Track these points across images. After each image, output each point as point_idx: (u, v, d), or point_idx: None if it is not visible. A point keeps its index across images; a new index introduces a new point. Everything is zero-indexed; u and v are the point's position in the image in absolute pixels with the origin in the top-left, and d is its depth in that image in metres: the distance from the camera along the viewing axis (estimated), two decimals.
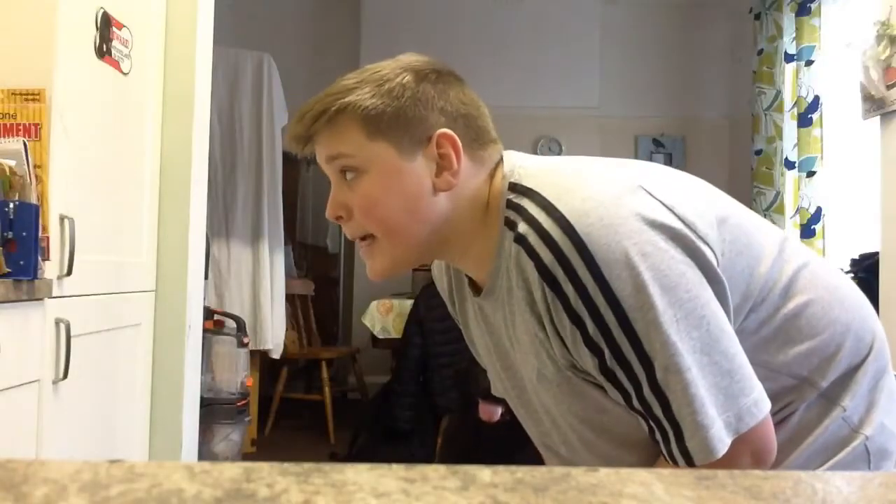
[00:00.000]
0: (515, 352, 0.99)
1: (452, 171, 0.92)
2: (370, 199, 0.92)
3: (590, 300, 0.81)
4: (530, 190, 0.88)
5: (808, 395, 0.92)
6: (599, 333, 0.82)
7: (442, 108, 0.92)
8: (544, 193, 0.86)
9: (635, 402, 0.84)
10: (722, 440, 0.80)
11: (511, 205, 0.89)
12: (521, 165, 0.93)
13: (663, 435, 0.83)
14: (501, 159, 0.96)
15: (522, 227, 0.85)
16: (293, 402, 4.44)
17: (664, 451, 0.84)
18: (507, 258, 0.90)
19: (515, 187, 0.90)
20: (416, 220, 0.92)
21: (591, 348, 0.84)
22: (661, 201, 0.85)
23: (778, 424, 0.91)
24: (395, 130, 0.91)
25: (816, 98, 4.28)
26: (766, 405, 0.83)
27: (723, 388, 0.81)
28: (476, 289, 1.01)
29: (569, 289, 0.82)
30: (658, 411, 0.82)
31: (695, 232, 0.84)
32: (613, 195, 0.84)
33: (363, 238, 0.95)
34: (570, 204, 0.83)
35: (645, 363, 0.81)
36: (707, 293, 0.82)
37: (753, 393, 0.82)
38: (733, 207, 0.95)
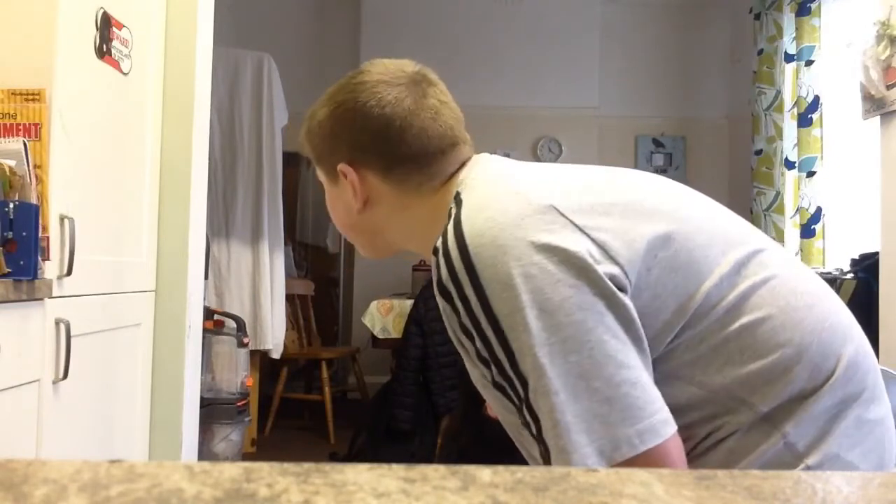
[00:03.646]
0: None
1: (356, 197, 1.05)
2: (328, 207, 1.12)
3: (475, 317, 0.84)
4: (461, 202, 0.92)
5: (745, 417, 0.87)
6: (485, 349, 0.85)
7: (349, 141, 1.04)
8: (462, 209, 0.90)
9: (521, 419, 0.86)
10: (586, 467, 0.77)
11: (449, 213, 0.94)
12: (473, 175, 0.98)
13: (542, 453, 0.84)
14: (464, 164, 1.03)
15: (438, 241, 0.90)
16: (293, 402, 4.44)
17: None
18: None
19: (456, 197, 0.95)
20: (354, 231, 1.11)
21: (482, 362, 0.86)
22: (571, 220, 0.85)
23: (711, 447, 0.88)
24: (319, 162, 1.09)
25: (816, 98, 4.28)
26: (658, 436, 0.79)
27: (599, 415, 0.79)
28: None
29: (458, 305, 0.85)
30: (534, 429, 0.83)
31: (604, 252, 0.84)
32: (515, 216, 0.85)
33: None
34: (473, 223, 0.87)
35: (521, 382, 0.82)
36: (596, 318, 0.81)
37: (640, 423, 0.79)
38: (683, 224, 0.90)
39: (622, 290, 0.83)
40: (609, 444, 0.79)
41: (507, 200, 0.88)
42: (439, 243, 0.89)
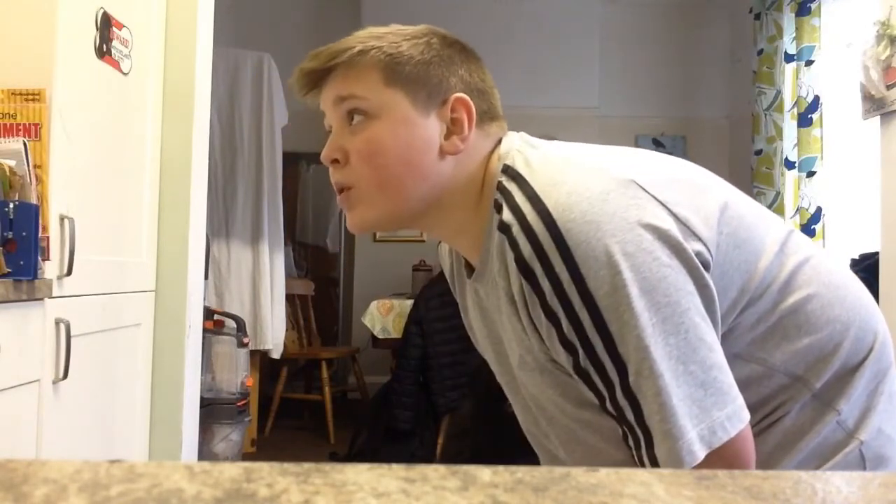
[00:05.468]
0: (504, 337, 0.97)
1: (462, 137, 0.92)
2: (374, 144, 0.90)
3: (565, 297, 0.79)
4: (520, 176, 0.86)
5: (801, 395, 0.89)
6: (574, 332, 0.80)
7: (462, 77, 0.94)
8: (532, 182, 0.84)
9: (609, 405, 0.82)
10: (692, 453, 0.77)
11: (501, 188, 0.87)
12: (518, 148, 0.91)
13: (635, 441, 0.81)
14: (501, 140, 0.96)
15: (507, 216, 0.84)
16: (293, 402, 4.44)
17: (635, 458, 0.82)
18: (493, 243, 0.88)
19: (508, 170, 0.88)
20: (414, 177, 0.91)
21: (566, 346, 0.82)
22: (653, 196, 0.82)
23: (769, 427, 0.89)
24: (414, 83, 0.91)
25: (816, 98, 4.28)
26: (741, 421, 0.79)
27: (697, 400, 0.77)
28: (471, 270, 0.99)
29: (545, 284, 0.80)
30: (630, 416, 0.80)
31: (688, 229, 0.81)
32: (601, 190, 0.81)
33: (347, 188, 0.93)
34: (555, 197, 0.81)
35: (618, 366, 0.79)
36: (689, 299, 0.79)
37: (727, 407, 0.78)
38: (735, 200, 0.91)
39: (706, 267, 0.82)
40: (707, 429, 0.77)
41: (586, 174, 0.83)
42: (510, 219, 0.83)
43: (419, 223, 0.96)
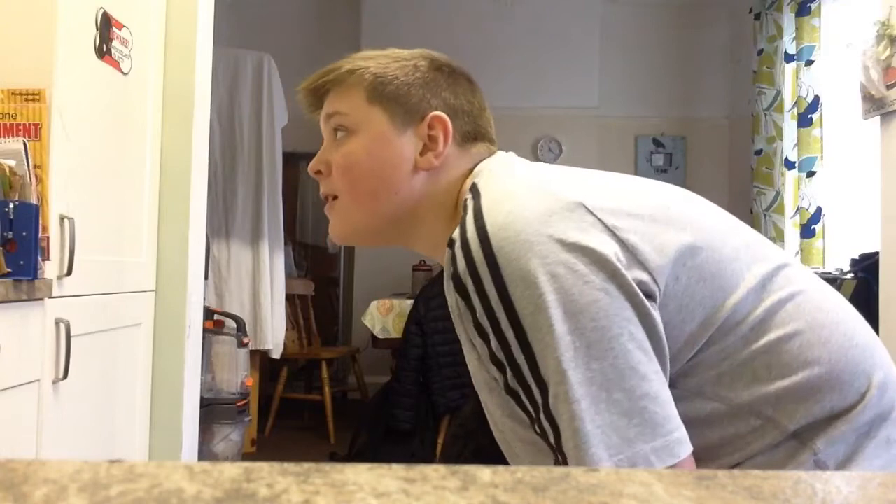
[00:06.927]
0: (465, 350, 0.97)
1: (436, 153, 0.96)
2: (350, 158, 0.97)
3: (493, 316, 0.79)
4: (478, 193, 0.87)
5: (770, 437, 0.83)
6: (501, 351, 0.80)
7: (445, 98, 0.98)
8: (482, 200, 0.85)
9: (537, 428, 0.80)
10: None
11: (465, 205, 0.88)
12: (491, 167, 0.93)
13: (558, 465, 0.78)
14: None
15: (455, 232, 0.84)
16: (293, 402, 4.44)
17: None
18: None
19: (472, 188, 0.90)
20: (386, 189, 0.96)
21: (496, 364, 0.81)
22: (600, 220, 0.80)
23: (738, 466, 0.84)
24: (394, 102, 0.96)
25: (816, 98, 4.28)
26: (672, 456, 0.75)
27: (618, 429, 0.74)
28: None
29: (476, 301, 0.80)
30: (552, 439, 0.78)
31: (633, 256, 0.79)
32: (542, 211, 0.80)
33: (333, 197, 1.00)
34: (495, 216, 0.81)
35: (541, 387, 0.77)
36: (622, 325, 0.76)
37: (656, 440, 0.75)
38: (710, 230, 0.87)
39: (650, 297, 0.79)
40: (627, 461, 0.74)
41: (533, 194, 0.83)
42: (456, 234, 0.84)
43: (398, 238, 1.01)
